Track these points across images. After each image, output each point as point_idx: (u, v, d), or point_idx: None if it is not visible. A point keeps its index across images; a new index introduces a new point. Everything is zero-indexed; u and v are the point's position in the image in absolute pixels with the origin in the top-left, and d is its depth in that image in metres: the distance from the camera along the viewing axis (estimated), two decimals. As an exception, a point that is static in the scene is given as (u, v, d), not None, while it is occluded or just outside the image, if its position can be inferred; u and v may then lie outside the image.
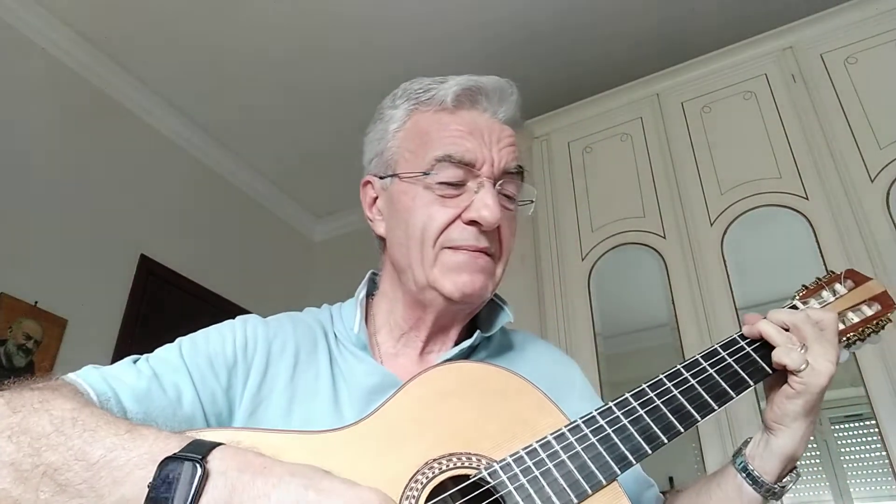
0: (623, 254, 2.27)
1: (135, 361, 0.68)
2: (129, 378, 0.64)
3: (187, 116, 3.00)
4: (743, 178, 2.12)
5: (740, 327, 0.74)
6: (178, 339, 0.72)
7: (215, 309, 2.92)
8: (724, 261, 2.04)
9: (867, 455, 2.40)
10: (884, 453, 1.66)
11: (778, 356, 0.67)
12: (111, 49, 2.66)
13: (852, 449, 2.46)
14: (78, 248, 2.48)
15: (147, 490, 0.44)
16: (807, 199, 1.99)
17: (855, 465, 2.43)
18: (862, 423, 2.41)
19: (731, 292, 1.98)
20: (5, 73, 2.37)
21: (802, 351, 0.67)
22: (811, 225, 1.95)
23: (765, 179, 2.08)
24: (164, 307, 2.74)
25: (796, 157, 2.06)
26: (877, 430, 1.68)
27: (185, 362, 0.68)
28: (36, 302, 2.26)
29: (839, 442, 2.48)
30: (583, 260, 2.31)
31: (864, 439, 2.43)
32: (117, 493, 0.45)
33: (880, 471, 2.25)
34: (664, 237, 2.19)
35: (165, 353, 0.69)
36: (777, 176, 2.07)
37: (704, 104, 2.31)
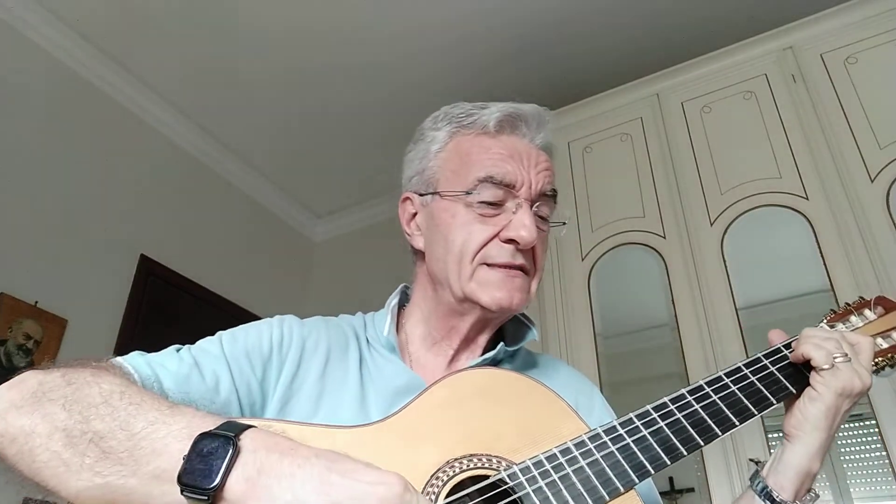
0: (623, 254, 2.27)
1: (178, 350, 0.72)
2: (171, 364, 0.68)
3: (187, 116, 3.00)
4: (743, 178, 2.12)
5: (741, 327, 0.74)
6: (219, 333, 0.76)
7: (215, 309, 2.92)
8: (724, 261, 2.04)
9: (867, 455, 2.40)
10: (884, 453, 1.66)
11: (806, 349, 0.69)
12: (111, 49, 2.66)
13: (852, 449, 2.46)
14: (78, 248, 2.48)
15: (182, 462, 0.46)
16: (807, 199, 1.99)
17: (855, 465, 2.43)
18: (862, 423, 2.41)
19: (731, 292, 1.98)
20: (5, 73, 2.37)
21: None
22: (811, 225, 1.95)
23: (765, 179, 2.08)
24: (164, 307, 2.74)
25: (796, 157, 2.06)
26: (877, 430, 1.68)
27: (224, 353, 0.72)
28: (36, 302, 2.26)
29: (839, 442, 2.48)
30: (583, 260, 2.31)
31: (864, 439, 2.43)
32: (155, 463, 0.48)
33: (880, 471, 2.25)
34: (664, 237, 2.19)
35: (206, 344, 0.74)
36: (777, 176, 2.07)
37: (704, 104, 2.31)
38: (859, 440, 2.45)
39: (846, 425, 2.49)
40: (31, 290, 2.26)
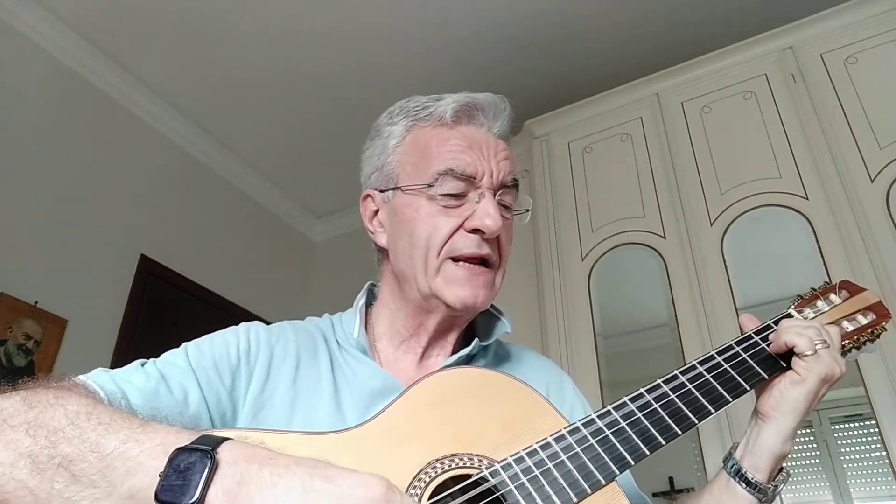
0: (623, 254, 2.27)
1: (142, 364, 0.70)
2: (137, 379, 0.66)
3: (188, 116, 3.00)
4: (743, 178, 2.12)
5: (740, 327, 0.75)
6: (184, 344, 0.74)
7: (215, 309, 2.92)
8: (724, 261, 2.04)
9: (867, 455, 2.40)
10: (884, 453, 1.66)
11: (789, 338, 0.70)
12: (111, 49, 2.66)
13: (852, 449, 2.46)
14: (78, 248, 2.48)
15: (158, 479, 0.45)
16: (807, 199, 1.99)
17: (855, 465, 2.43)
18: (862, 423, 2.42)
19: (731, 292, 1.98)
20: (5, 73, 2.37)
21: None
22: (811, 225, 1.95)
23: (765, 179, 2.08)
24: (164, 307, 2.74)
25: (796, 157, 2.06)
26: (877, 430, 1.68)
27: (191, 365, 0.70)
28: (36, 302, 2.26)
29: (839, 442, 2.48)
30: (583, 260, 2.31)
31: (864, 439, 2.43)
32: (129, 483, 0.46)
33: (880, 471, 2.26)
34: (664, 237, 2.19)
35: (172, 357, 0.72)
36: (777, 176, 2.07)
37: (704, 104, 2.31)
38: (859, 440, 2.45)
39: (846, 425, 2.49)
40: (31, 290, 2.26)
